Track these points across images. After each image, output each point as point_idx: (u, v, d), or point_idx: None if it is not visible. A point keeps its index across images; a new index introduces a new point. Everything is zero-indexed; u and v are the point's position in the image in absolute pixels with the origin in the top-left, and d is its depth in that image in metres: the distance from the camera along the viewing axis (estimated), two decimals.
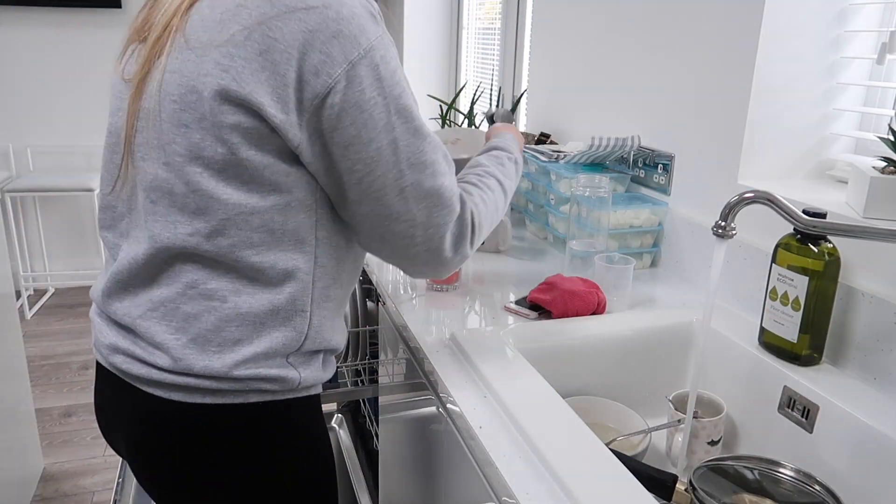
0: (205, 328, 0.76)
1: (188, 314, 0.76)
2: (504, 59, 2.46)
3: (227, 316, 0.76)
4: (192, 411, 0.78)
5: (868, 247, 0.94)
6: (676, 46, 1.30)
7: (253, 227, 0.74)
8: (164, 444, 0.80)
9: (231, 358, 0.77)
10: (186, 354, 0.76)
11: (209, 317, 0.76)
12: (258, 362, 0.78)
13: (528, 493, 0.69)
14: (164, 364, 0.77)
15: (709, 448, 0.95)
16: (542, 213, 1.52)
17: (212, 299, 0.76)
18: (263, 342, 0.78)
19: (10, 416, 1.88)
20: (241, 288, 0.76)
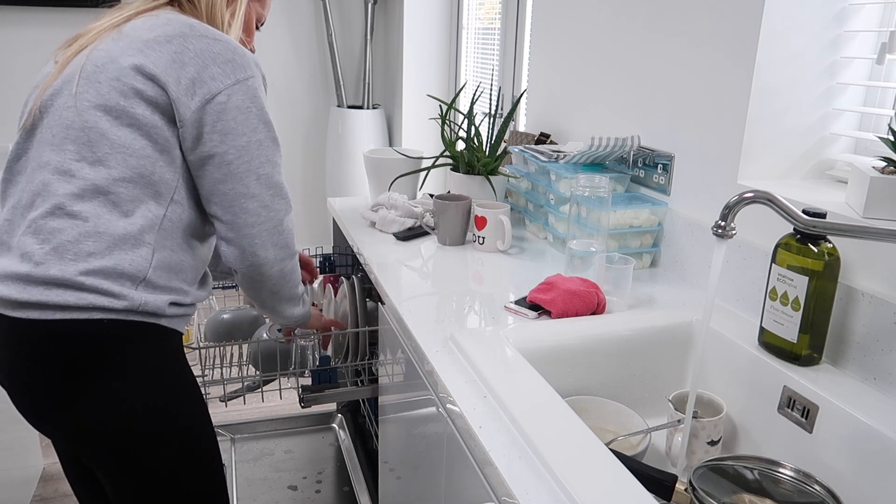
0: (65, 239, 0.91)
1: (54, 228, 0.92)
2: (504, 59, 2.46)
3: (87, 232, 0.92)
4: (44, 328, 0.90)
5: (868, 247, 0.94)
6: (676, 46, 1.30)
7: (129, 166, 0.94)
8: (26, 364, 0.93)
9: (83, 266, 0.91)
10: (46, 259, 0.91)
11: (71, 231, 0.92)
12: (107, 275, 0.92)
13: (528, 493, 0.69)
14: (25, 270, 0.90)
15: (709, 448, 0.95)
16: (542, 213, 1.52)
17: (75, 218, 0.92)
18: (113, 258, 0.93)
19: (10, 416, 1.88)
20: (101, 213, 0.93)
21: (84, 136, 0.93)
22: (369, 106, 3.39)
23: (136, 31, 0.97)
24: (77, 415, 0.94)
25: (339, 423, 2.16)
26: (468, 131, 1.55)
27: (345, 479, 1.91)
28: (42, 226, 0.92)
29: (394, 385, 1.25)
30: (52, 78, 0.98)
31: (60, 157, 0.93)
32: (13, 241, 0.94)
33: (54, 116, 0.95)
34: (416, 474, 1.12)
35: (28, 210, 0.94)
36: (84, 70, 0.95)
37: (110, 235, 0.93)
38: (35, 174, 0.95)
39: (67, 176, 0.93)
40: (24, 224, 0.93)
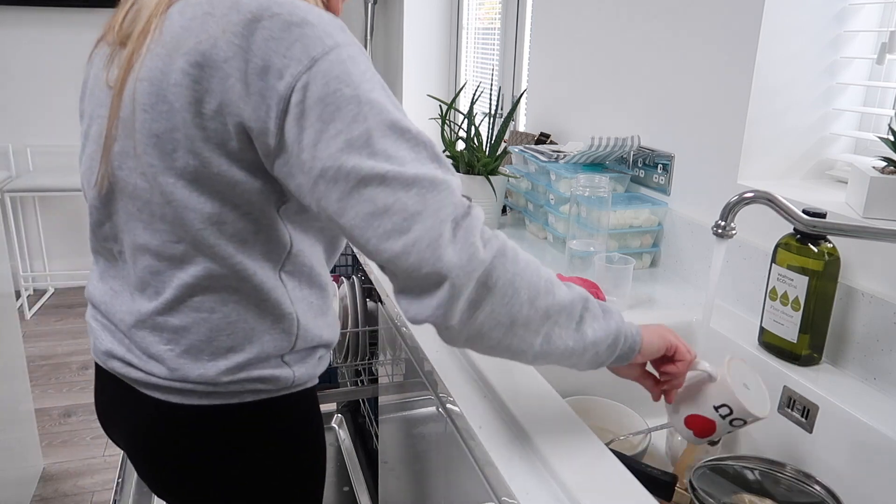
0: (197, 339, 0.78)
1: (178, 327, 0.78)
2: (504, 59, 2.46)
3: (218, 326, 0.77)
4: (190, 411, 0.80)
5: (868, 247, 0.94)
6: (676, 46, 1.30)
7: (228, 236, 0.74)
8: (163, 442, 0.82)
9: (224, 364, 0.78)
10: (181, 364, 0.78)
11: (200, 328, 0.77)
12: (252, 366, 0.79)
13: (528, 493, 0.69)
14: (159, 372, 0.79)
15: (709, 448, 0.95)
16: (542, 213, 1.52)
17: (200, 311, 0.77)
18: (255, 347, 0.79)
19: (9, 416, 1.87)
20: (227, 298, 0.77)
21: (170, 213, 0.73)
22: None
23: (171, 35, 0.69)
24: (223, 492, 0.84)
25: (339, 423, 2.16)
26: (468, 131, 1.55)
27: (345, 479, 1.91)
28: (163, 324, 0.78)
29: (394, 385, 1.25)
30: (112, 119, 0.74)
31: (158, 241, 0.75)
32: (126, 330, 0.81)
33: (129, 184, 0.75)
34: (416, 474, 1.12)
35: (139, 295, 0.79)
36: (136, 118, 0.71)
37: (245, 321, 0.78)
38: (136, 256, 0.78)
39: (176, 262, 0.75)
40: (135, 315, 0.79)
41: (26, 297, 3.34)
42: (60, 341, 3.07)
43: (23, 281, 3.42)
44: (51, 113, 3.45)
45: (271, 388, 0.82)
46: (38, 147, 3.48)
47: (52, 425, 2.43)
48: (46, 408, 2.54)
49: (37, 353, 2.94)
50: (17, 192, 3.21)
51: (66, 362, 2.88)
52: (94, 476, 2.17)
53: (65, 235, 3.62)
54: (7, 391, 1.87)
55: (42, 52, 3.39)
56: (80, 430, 2.40)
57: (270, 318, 0.79)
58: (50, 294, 3.57)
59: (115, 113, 0.73)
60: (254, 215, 0.74)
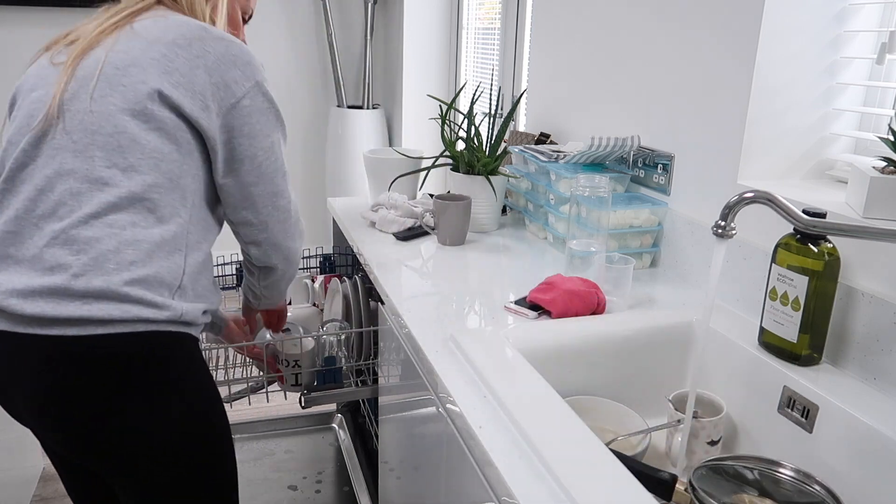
0: (106, 248, 0.88)
1: (89, 237, 0.88)
2: (504, 59, 2.46)
3: (126, 240, 0.89)
4: (87, 343, 0.86)
5: (868, 247, 0.94)
6: (676, 46, 1.30)
7: (160, 171, 0.92)
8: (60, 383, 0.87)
9: (126, 275, 0.88)
10: (86, 270, 0.87)
11: (110, 240, 0.88)
12: (149, 285, 0.90)
13: (528, 493, 0.69)
14: (61, 282, 0.85)
15: (709, 448, 0.95)
16: (542, 213, 1.52)
17: (112, 227, 0.89)
18: (153, 266, 0.91)
19: (10, 416, 1.87)
20: (138, 220, 0.90)
21: (114, 142, 0.89)
22: (369, 106, 3.39)
23: (150, 32, 0.94)
24: (115, 433, 0.90)
25: (339, 423, 2.16)
26: (468, 131, 1.55)
27: (345, 479, 1.91)
28: (75, 236, 0.87)
29: (394, 385, 1.25)
30: (64, 81, 0.92)
31: (88, 165, 0.89)
32: (26, 253, 0.88)
33: (73, 122, 0.90)
34: (416, 474, 1.12)
35: (48, 220, 0.88)
36: (103, 73, 0.91)
37: (148, 243, 0.91)
38: (55, 183, 0.89)
39: (100, 184, 0.89)
40: (46, 235, 0.88)
41: None
42: None
43: None
44: None
45: (159, 319, 0.90)
46: None
47: None
48: None
49: None
50: None
51: None
52: None
53: None
54: None
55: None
56: None
57: (167, 248, 0.93)
58: None
59: (70, 74, 0.92)
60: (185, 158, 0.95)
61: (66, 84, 0.92)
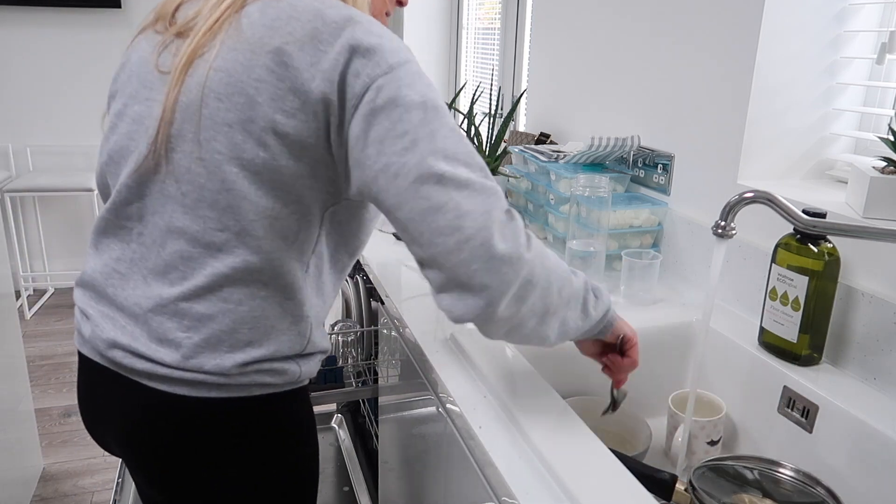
0: (219, 329, 0.77)
1: (202, 314, 0.77)
2: (504, 59, 2.46)
3: (243, 318, 0.78)
4: (195, 404, 0.79)
5: (868, 247, 0.94)
6: (676, 46, 1.30)
7: (275, 231, 0.76)
8: (164, 435, 0.81)
9: (241, 357, 0.78)
10: (198, 353, 0.77)
11: (224, 318, 0.77)
12: (266, 363, 0.80)
13: (528, 493, 0.69)
14: (170, 361, 0.77)
15: (709, 448, 0.95)
16: (542, 213, 1.52)
17: (228, 302, 0.77)
18: (273, 345, 0.80)
19: (9, 416, 1.88)
20: (255, 292, 0.78)
21: (223, 200, 0.74)
22: None
23: (253, 32, 0.73)
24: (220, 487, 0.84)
25: (339, 423, 2.16)
26: (468, 131, 1.55)
27: (345, 479, 1.91)
28: (187, 310, 0.77)
29: (394, 385, 1.25)
30: (170, 106, 0.75)
31: (200, 227, 0.75)
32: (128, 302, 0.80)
33: (181, 168, 0.75)
34: (416, 474, 1.12)
35: (157, 280, 0.78)
36: (206, 105, 0.73)
37: (267, 317, 0.79)
38: (166, 239, 0.77)
39: (213, 250, 0.76)
40: (153, 297, 0.78)
41: (26, 297, 3.34)
42: (60, 341, 3.06)
43: (23, 281, 3.42)
44: (51, 113, 3.45)
45: (279, 383, 0.82)
46: (38, 147, 3.48)
47: (52, 425, 2.43)
48: (46, 408, 2.54)
49: (37, 353, 2.94)
50: (17, 192, 3.21)
51: (66, 362, 2.88)
52: (94, 476, 2.17)
53: (65, 235, 3.62)
54: (7, 391, 1.87)
55: (42, 52, 3.39)
56: (80, 430, 2.40)
57: (290, 319, 0.81)
58: (50, 294, 3.57)
59: (175, 97, 0.75)
60: (303, 214, 0.77)
61: (172, 112, 0.75)
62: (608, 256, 1.31)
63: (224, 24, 0.74)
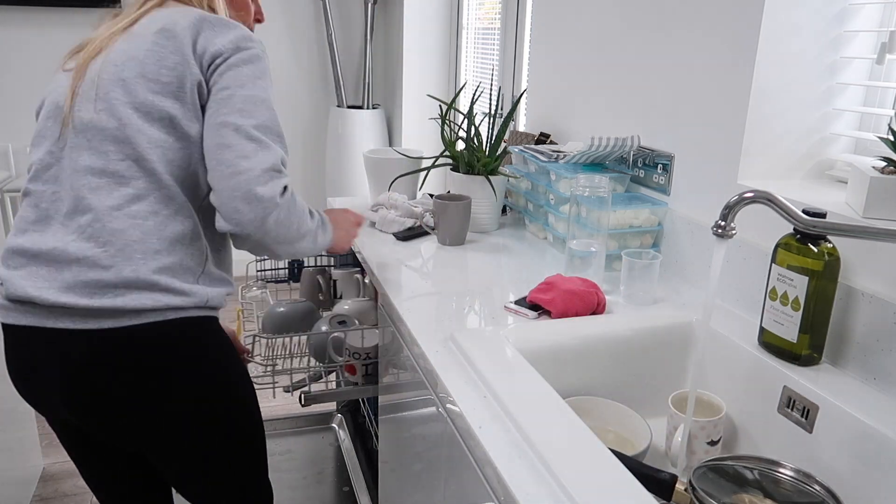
0: (131, 239, 0.92)
1: (115, 229, 0.92)
2: (504, 59, 2.46)
3: (150, 230, 0.93)
4: (123, 334, 0.92)
5: (868, 247, 0.94)
6: (676, 46, 1.30)
7: (169, 160, 0.95)
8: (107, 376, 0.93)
9: (154, 264, 0.93)
10: (115, 261, 0.91)
11: (134, 231, 0.93)
12: (174, 272, 0.95)
13: (528, 493, 0.69)
14: (94, 276, 0.90)
15: (708, 448, 0.95)
16: (542, 213, 1.52)
17: (136, 217, 0.93)
18: (178, 254, 0.96)
19: (9, 416, 1.88)
20: (159, 210, 0.94)
21: (121, 135, 0.94)
22: (369, 106, 3.39)
23: (146, 27, 0.98)
24: (155, 416, 0.97)
25: (339, 423, 2.16)
26: (468, 131, 1.55)
27: (345, 479, 1.91)
28: (100, 229, 0.92)
29: (394, 385, 1.25)
30: (75, 84, 0.97)
31: (103, 161, 0.93)
32: (64, 248, 0.92)
33: (86, 121, 0.95)
34: (416, 474, 1.12)
35: (73, 217, 0.93)
36: (104, 71, 0.96)
37: (171, 231, 0.95)
38: (74, 180, 0.94)
39: (117, 177, 0.94)
40: (73, 231, 0.93)
41: None
42: None
43: None
44: None
45: (188, 305, 0.95)
46: None
47: None
48: None
49: None
50: (18, 193, 3.21)
51: None
52: None
53: None
54: (7, 391, 1.87)
55: (42, 52, 3.39)
56: None
57: (190, 236, 0.97)
58: None
59: (80, 76, 0.97)
60: (189, 148, 0.97)
61: (75, 88, 0.97)
62: (608, 256, 1.31)
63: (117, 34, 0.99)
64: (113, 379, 0.93)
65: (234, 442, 1.06)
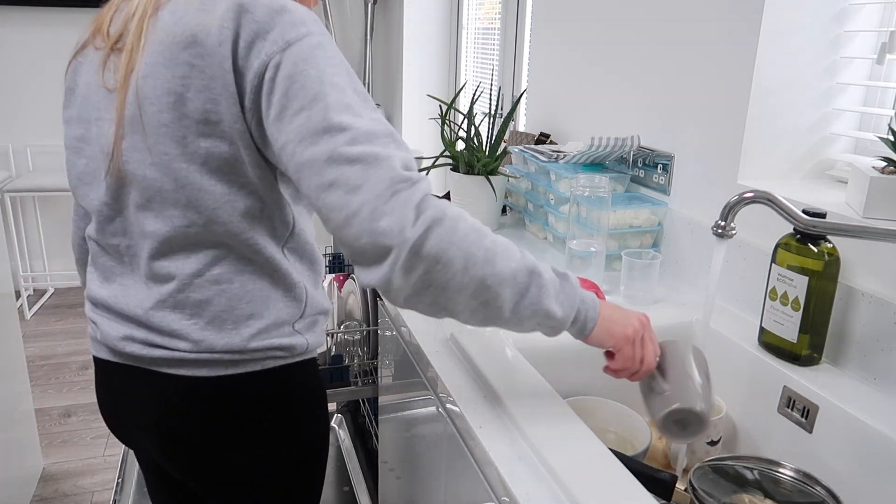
0: (218, 309, 0.82)
1: (199, 301, 0.82)
2: (504, 59, 2.46)
3: (237, 294, 0.83)
4: (216, 382, 0.84)
5: (868, 247, 0.94)
6: (676, 46, 1.30)
7: (238, 212, 0.80)
8: (190, 417, 0.85)
9: (247, 331, 0.83)
10: (206, 336, 0.82)
11: (220, 299, 0.82)
12: (270, 332, 0.85)
13: (528, 493, 0.69)
14: (184, 347, 0.82)
15: (709, 448, 0.95)
16: (542, 213, 1.52)
17: (219, 283, 0.82)
18: (272, 313, 0.85)
19: (9, 416, 1.87)
20: (242, 268, 0.83)
21: (182, 198, 0.78)
22: None
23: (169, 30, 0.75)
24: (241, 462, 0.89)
25: (339, 423, 2.16)
26: (468, 131, 1.55)
27: (345, 479, 1.91)
28: (183, 300, 0.82)
29: (394, 385, 1.25)
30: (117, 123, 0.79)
31: (170, 227, 0.80)
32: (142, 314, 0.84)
33: (140, 180, 0.79)
34: (416, 474, 1.12)
35: (153, 282, 0.83)
36: (143, 112, 0.76)
37: (261, 289, 0.84)
38: (145, 245, 0.83)
39: (188, 244, 0.81)
40: (153, 297, 0.83)
41: (26, 297, 3.34)
42: (60, 341, 3.06)
43: (23, 281, 3.42)
44: (51, 113, 3.45)
45: (289, 355, 0.87)
46: (38, 147, 3.48)
47: (52, 425, 2.43)
48: (46, 408, 2.54)
49: (37, 353, 2.94)
50: (17, 192, 3.21)
51: (66, 362, 2.88)
52: (94, 476, 2.17)
53: (65, 235, 3.62)
54: (7, 391, 1.87)
55: (42, 52, 3.39)
56: (80, 430, 2.40)
57: (282, 287, 0.86)
58: (50, 294, 3.57)
59: (121, 112, 0.78)
60: (258, 193, 0.80)
61: (121, 128, 0.79)
62: (608, 256, 1.31)
63: (144, 33, 0.77)
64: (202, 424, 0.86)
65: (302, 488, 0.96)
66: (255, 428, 0.87)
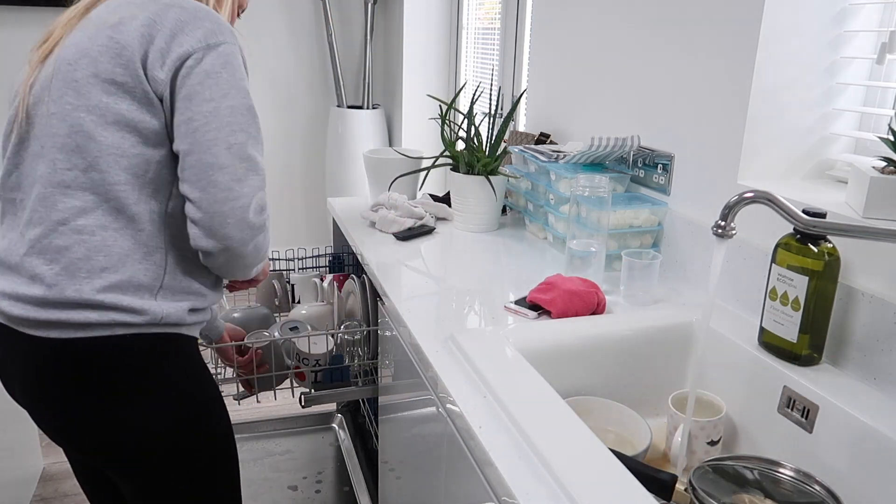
0: (76, 257, 0.88)
1: (60, 247, 0.88)
2: (504, 59, 2.46)
3: (96, 247, 0.89)
4: (67, 348, 0.88)
5: (868, 247, 0.94)
6: (676, 46, 1.30)
7: (123, 167, 0.89)
8: (48, 382, 0.90)
9: (99, 282, 0.88)
10: (59, 281, 0.88)
11: (79, 248, 0.88)
12: (123, 289, 0.90)
13: (528, 493, 0.69)
14: (38, 294, 0.87)
15: (708, 448, 0.95)
16: (542, 213, 1.52)
17: (81, 233, 0.88)
18: (127, 271, 0.90)
19: (10, 416, 1.88)
20: (107, 223, 0.89)
21: (71, 142, 0.88)
22: (369, 106, 3.39)
23: (101, 17, 0.91)
24: (104, 432, 0.92)
25: (339, 423, 2.16)
26: (468, 131, 1.55)
27: (345, 479, 1.91)
28: (47, 245, 0.88)
29: (394, 385, 1.25)
30: (28, 83, 0.93)
31: (51, 169, 0.88)
32: (18, 260, 0.91)
33: (40, 126, 0.90)
34: (416, 474, 1.12)
35: (28, 228, 0.90)
36: (58, 70, 0.89)
37: (120, 246, 0.90)
38: (31, 190, 0.91)
39: (62, 188, 0.88)
40: (26, 243, 0.90)
41: None
42: None
43: None
44: None
45: (138, 322, 0.90)
46: None
47: None
48: None
49: None
50: None
51: None
52: None
53: None
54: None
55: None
56: None
57: (143, 249, 0.92)
58: None
59: (34, 73, 0.93)
60: (146, 156, 0.90)
61: (30, 88, 0.92)
62: (608, 256, 1.31)
63: (74, 21, 0.93)
64: (58, 388, 0.90)
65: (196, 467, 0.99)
66: (112, 397, 0.91)
